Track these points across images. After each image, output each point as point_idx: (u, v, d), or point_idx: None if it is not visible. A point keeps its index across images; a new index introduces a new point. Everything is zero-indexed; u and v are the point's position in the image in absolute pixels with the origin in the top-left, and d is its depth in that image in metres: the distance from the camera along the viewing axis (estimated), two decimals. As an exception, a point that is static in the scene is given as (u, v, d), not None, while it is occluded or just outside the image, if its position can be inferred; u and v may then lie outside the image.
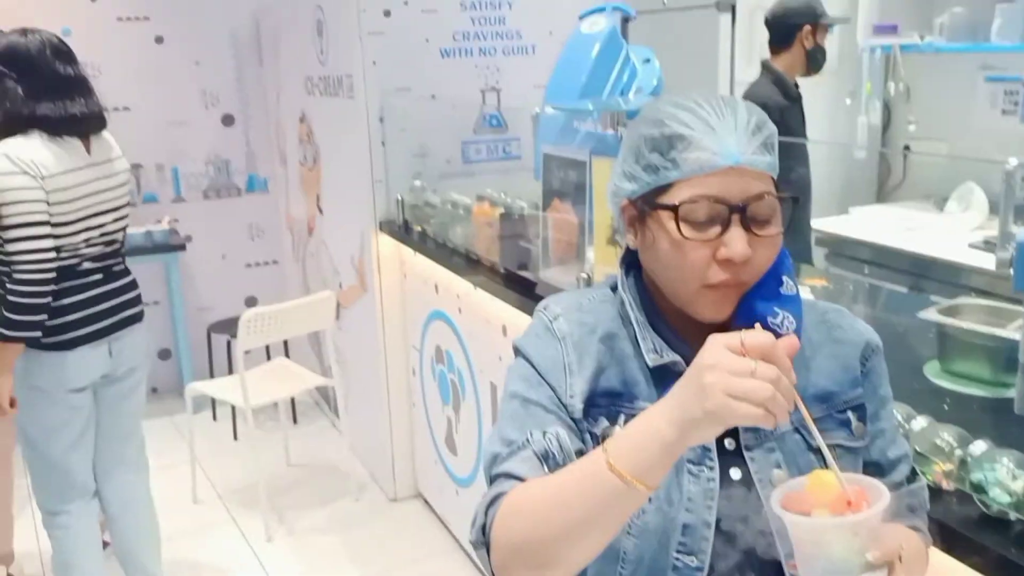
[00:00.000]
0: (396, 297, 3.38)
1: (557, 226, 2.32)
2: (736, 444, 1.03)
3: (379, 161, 3.31)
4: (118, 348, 2.50)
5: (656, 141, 0.98)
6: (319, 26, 3.61)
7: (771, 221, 0.97)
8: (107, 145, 2.48)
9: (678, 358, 1.02)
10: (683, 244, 0.96)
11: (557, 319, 1.08)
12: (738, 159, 0.95)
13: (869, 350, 1.09)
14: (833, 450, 1.02)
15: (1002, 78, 3.57)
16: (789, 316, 0.99)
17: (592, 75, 2.65)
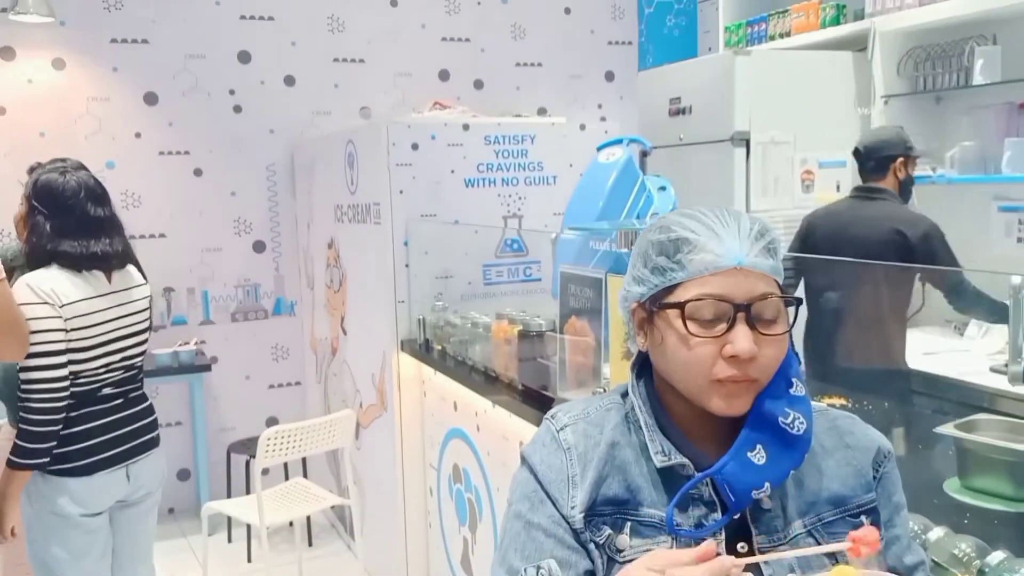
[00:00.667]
0: (415, 416, 3.40)
1: (574, 343, 2.36)
2: (749, 548, 1.02)
3: (403, 282, 3.40)
4: (135, 472, 2.51)
5: (663, 245, 1.04)
6: (350, 159, 3.79)
7: (776, 321, 1.01)
8: (129, 275, 2.54)
9: (686, 460, 1.03)
10: (690, 341, 1.00)
11: (564, 429, 1.10)
12: (741, 260, 1.00)
13: (881, 456, 1.10)
14: (846, 554, 1.02)
15: (1016, 208, 3.64)
16: (800, 416, 1.02)
17: (609, 201, 2.76)
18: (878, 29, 3.82)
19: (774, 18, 4.43)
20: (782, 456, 1.01)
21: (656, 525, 1.03)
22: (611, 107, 5.41)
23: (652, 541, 1.02)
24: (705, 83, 4.04)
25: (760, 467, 1.00)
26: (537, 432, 1.14)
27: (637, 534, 1.02)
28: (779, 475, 1.01)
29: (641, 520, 1.02)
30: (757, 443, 1.01)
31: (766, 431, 1.01)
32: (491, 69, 5.17)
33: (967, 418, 1.77)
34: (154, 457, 2.59)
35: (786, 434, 1.01)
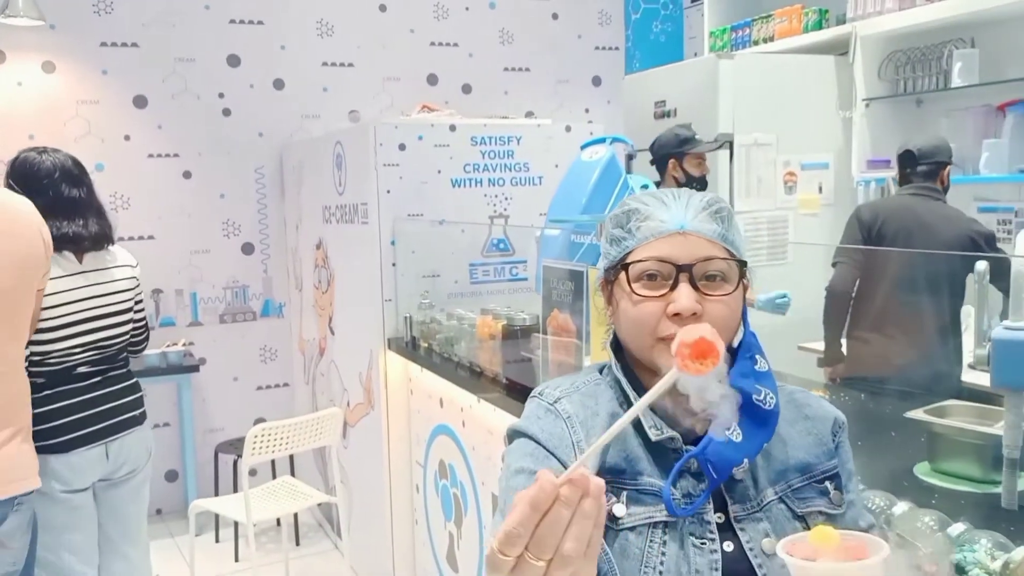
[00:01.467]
0: (402, 413, 3.42)
1: (556, 335, 2.39)
2: (725, 517, 1.06)
3: (389, 281, 3.43)
4: (116, 450, 2.53)
5: (618, 217, 1.11)
6: (338, 160, 3.82)
7: (722, 281, 1.05)
8: (106, 256, 2.55)
9: (676, 434, 1.07)
10: (635, 300, 1.05)
11: (559, 401, 1.12)
12: (684, 224, 1.06)
13: (837, 426, 1.16)
14: (815, 516, 1.06)
15: (995, 208, 3.70)
16: (769, 392, 1.07)
17: (591, 198, 2.80)
18: (859, 33, 3.88)
19: (758, 23, 4.50)
20: (756, 431, 1.05)
21: (655, 493, 1.05)
22: (598, 111, 5.46)
23: (654, 508, 1.04)
24: (690, 87, 4.09)
25: (738, 444, 1.04)
26: (526, 410, 1.16)
27: (637, 502, 1.05)
28: (754, 449, 1.06)
29: (641, 489, 1.05)
30: None
31: (741, 409, 1.04)
32: (479, 74, 5.22)
33: (937, 404, 1.81)
34: (136, 435, 2.59)
35: (760, 410, 1.05)
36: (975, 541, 1.22)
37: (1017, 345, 1.43)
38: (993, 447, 1.58)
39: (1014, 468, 1.50)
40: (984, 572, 1.19)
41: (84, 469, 2.45)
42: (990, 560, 1.19)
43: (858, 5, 3.91)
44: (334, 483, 3.57)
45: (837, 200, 4.08)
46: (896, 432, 1.87)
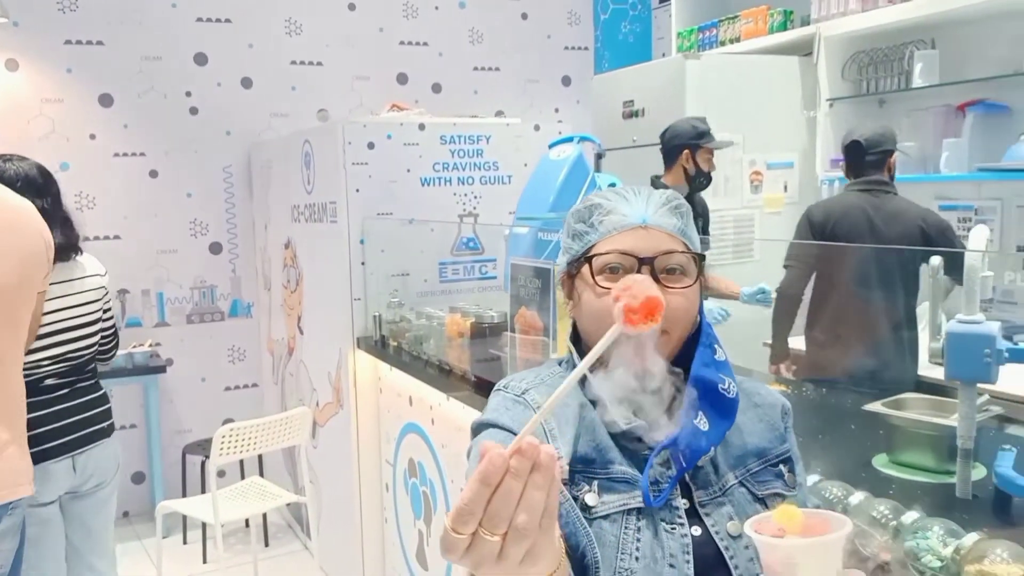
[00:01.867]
0: (371, 412, 3.42)
1: (524, 332, 2.41)
2: (691, 503, 1.09)
3: (359, 280, 3.43)
4: (83, 463, 2.49)
5: (581, 213, 1.14)
6: (307, 158, 3.81)
7: (682, 275, 1.08)
8: (73, 267, 2.50)
9: (642, 423, 1.09)
10: (599, 291, 1.07)
11: (527, 392, 1.14)
12: (646, 219, 1.09)
13: (784, 412, 1.20)
14: (774, 499, 1.10)
15: (955, 206, 3.77)
16: (731, 380, 1.11)
17: (559, 196, 2.82)
18: (823, 34, 3.94)
19: (724, 24, 4.55)
20: (720, 419, 1.09)
21: (628, 480, 1.07)
22: (567, 111, 5.49)
23: (627, 495, 1.07)
24: (657, 87, 4.13)
25: (705, 432, 1.07)
26: (490, 403, 1.16)
27: (609, 491, 1.07)
28: (719, 436, 1.09)
29: (613, 477, 1.07)
30: (699, 410, 1.08)
31: (705, 398, 1.08)
32: (449, 73, 5.23)
33: (894, 397, 1.85)
34: (103, 448, 2.56)
35: (724, 399, 1.09)
36: (928, 528, 1.25)
37: (969, 338, 1.47)
38: (948, 438, 1.62)
39: (968, 458, 1.54)
40: (936, 558, 1.22)
41: (51, 482, 2.42)
42: (942, 546, 1.22)
43: (822, 6, 3.97)
44: (303, 483, 3.56)
45: (802, 199, 4.14)
46: (856, 425, 1.90)
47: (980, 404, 1.56)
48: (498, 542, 0.70)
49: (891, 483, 1.65)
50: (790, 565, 0.89)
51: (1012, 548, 1.15)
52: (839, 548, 0.89)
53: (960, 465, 1.54)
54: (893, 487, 1.63)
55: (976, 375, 1.50)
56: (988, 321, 1.49)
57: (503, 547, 0.71)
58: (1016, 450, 1.56)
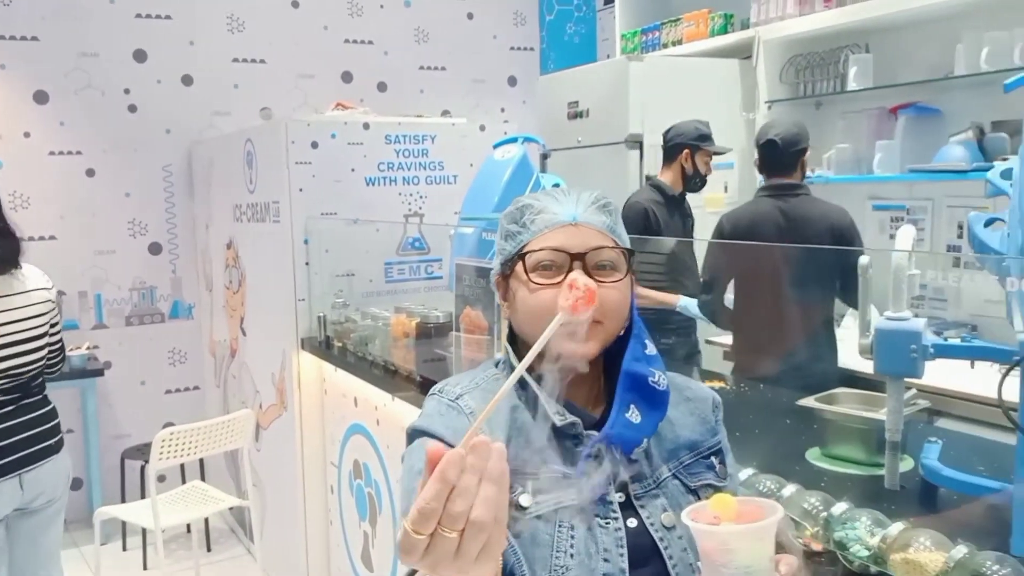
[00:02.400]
0: (315, 414, 3.40)
1: (469, 332, 2.42)
2: (626, 496, 1.11)
3: (302, 281, 3.40)
4: (31, 480, 2.44)
5: (513, 214, 1.16)
6: (249, 157, 3.77)
7: (613, 270, 1.11)
8: (13, 281, 2.44)
9: (578, 420, 1.10)
10: (533, 288, 1.09)
11: (461, 397, 1.14)
12: (576, 216, 1.11)
13: (715, 405, 1.23)
14: (706, 489, 1.12)
15: (888, 206, 3.88)
16: (661, 373, 1.13)
17: (504, 196, 2.83)
18: (762, 38, 4.02)
19: (667, 26, 4.61)
20: (652, 411, 1.11)
21: (560, 479, 1.08)
22: (514, 111, 5.51)
23: (561, 494, 1.08)
24: (601, 88, 4.17)
25: (638, 425, 1.09)
26: (425, 408, 1.17)
27: (543, 490, 1.08)
28: (652, 428, 1.12)
29: (547, 476, 1.08)
30: (631, 403, 1.10)
31: (636, 391, 1.10)
32: (395, 72, 5.21)
33: (827, 392, 1.90)
34: (54, 464, 2.51)
35: (655, 391, 1.11)
36: (856, 519, 1.29)
37: (897, 334, 1.52)
38: (877, 431, 1.66)
39: (896, 451, 1.58)
40: (864, 547, 1.26)
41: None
42: (869, 536, 1.26)
43: (761, 11, 4.05)
44: (246, 487, 3.52)
45: (742, 199, 4.20)
46: (790, 420, 1.95)
47: (908, 398, 1.61)
48: (456, 539, 0.73)
49: (823, 476, 1.70)
50: (726, 551, 0.92)
51: (935, 536, 1.19)
52: (772, 533, 0.93)
53: (888, 457, 1.59)
54: (825, 479, 1.67)
55: (903, 370, 1.55)
56: (915, 318, 1.54)
57: (461, 543, 0.73)
58: (942, 442, 1.62)
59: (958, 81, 3.36)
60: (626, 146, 4.00)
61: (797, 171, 3.13)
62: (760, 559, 0.92)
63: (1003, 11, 3.23)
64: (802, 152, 3.12)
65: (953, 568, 1.13)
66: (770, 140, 3.10)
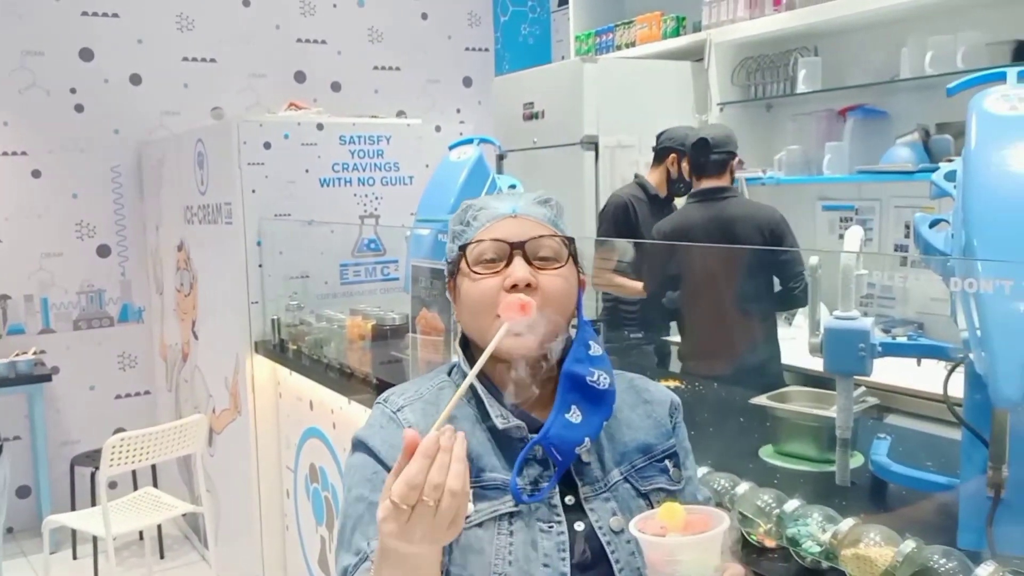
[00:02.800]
0: (270, 418, 3.36)
1: (425, 334, 2.41)
2: (575, 499, 1.11)
3: (256, 283, 3.36)
4: None
5: (459, 216, 1.19)
6: (200, 158, 3.71)
7: (554, 260, 1.13)
8: None
9: (521, 423, 1.11)
10: (474, 278, 1.11)
11: (402, 410, 1.15)
12: (515, 208, 1.15)
13: (673, 408, 1.24)
14: (657, 493, 1.13)
15: (836, 206, 3.96)
16: (603, 372, 1.13)
17: (460, 198, 2.82)
18: (713, 41, 4.07)
19: (620, 28, 4.64)
20: (594, 411, 1.11)
21: (499, 487, 1.09)
22: (469, 111, 5.51)
23: (498, 502, 1.08)
24: (556, 89, 4.18)
25: (578, 425, 1.10)
26: (370, 417, 1.18)
27: (482, 498, 1.08)
28: (595, 429, 1.12)
29: (484, 485, 1.09)
30: (571, 404, 1.10)
31: (577, 391, 1.11)
32: (348, 72, 5.17)
33: (779, 390, 1.93)
34: None
35: (594, 390, 1.12)
36: (808, 516, 1.32)
37: (845, 333, 1.55)
38: (828, 429, 1.70)
39: (846, 447, 1.62)
40: (815, 543, 1.28)
41: None
42: (821, 532, 1.28)
43: (712, 13, 4.10)
44: (200, 492, 3.47)
45: (696, 200, 4.26)
46: (744, 418, 1.98)
47: (857, 395, 1.64)
48: (434, 507, 0.86)
49: (776, 473, 1.73)
50: (672, 562, 0.93)
51: (884, 531, 1.22)
52: (718, 543, 0.94)
53: (839, 454, 1.62)
54: (778, 477, 1.70)
55: (852, 368, 1.58)
56: (863, 317, 1.57)
57: (438, 510, 0.86)
58: (891, 438, 1.66)
59: (904, 84, 3.44)
60: (581, 147, 4.02)
61: (726, 175, 3.19)
62: (705, 569, 0.93)
63: (946, 16, 3.32)
64: (730, 156, 3.18)
65: (902, 563, 1.15)
66: (702, 139, 3.17)
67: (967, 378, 1.30)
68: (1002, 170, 1.22)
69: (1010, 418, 1.20)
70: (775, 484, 1.63)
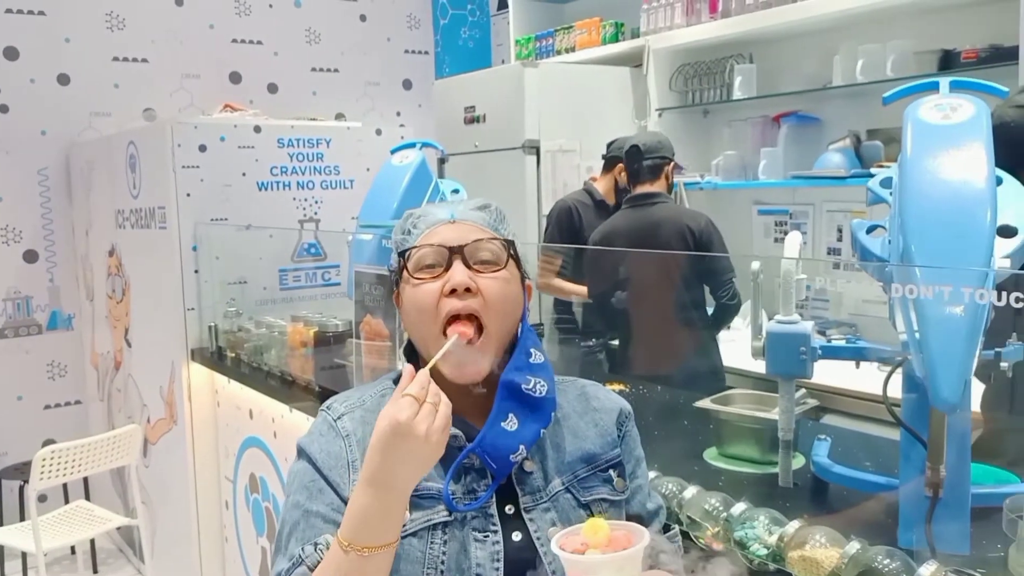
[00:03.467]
0: (208, 427, 3.28)
1: (369, 340, 2.38)
2: (515, 508, 1.11)
3: (192, 289, 3.29)
4: None
5: (400, 226, 1.19)
6: (132, 161, 3.61)
7: (495, 264, 1.13)
8: None
9: (459, 432, 1.10)
10: (415, 283, 1.11)
11: (341, 418, 1.14)
12: (454, 214, 1.15)
13: (623, 416, 1.24)
14: (599, 504, 1.13)
15: (771, 211, 4.04)
16: (540, 380, 1.13)
17: (402, 202, 2.80)
18: (652, 47, 4.12)
19: (560, 33, 4.67)
20: (531, 419, 1.11)
21: (434, 496, 1.09)
22: (409, 115, 5.47)
23: (432, 511, 1.08)
24: (497, 93, 4.19)
25: (513, 433, 1.10)
26: (313, 423, 1.18)
27: (416, 507, 1.08)
28: (531, 436, 1.11)
29: (419, 494, 1.08)
30: (508, 412, 1.11)
31: (513, 399, 1.11)
32: (286, 73, 5.09)
33: (722, 393, 1.96)
34: None
35: (530, 398, 1.12)
36: (755, 519, 1.34)
37: (787, 337, 1.58)
38: (770, 430, 1.73)
39: (788, 449, 1.65)
40: (762, 546, 1.30)
41: None
42: (767, 535, 1.30)
43: (650, 20, 4.15)
44: (135, 504, 3.38)
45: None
46: (688, 421, 2.01)
47: (798, 398, 1.68)
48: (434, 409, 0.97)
49: (721, 475, 1.75)
50: None
51: (829, 533, 1.24)
52: (637, 561, 0.96)
53: (782, 456, 1.65)
54: (723, 479, 1.73)
55: (793, 371, 1.61)
56: (803, 321, 1.60)
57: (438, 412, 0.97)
58: (831, 439, 1.70)
59: (836, 91, 3.54)
60: (523, 151, 4.04)
61: (660, 180, 3.23)
62: None
63: (876, 25, 3.42)
64: (664, 161, 3.21)
65: (847, 564, 1.18)
66: (633, 146, 3.22)
67: (905, 379, 1.34)
68: (936, 177, 1.26)
69: (947, 419, 1.24)
70: (720, 486, 1.66)
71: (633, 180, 3.26)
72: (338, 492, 1.09)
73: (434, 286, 1.09)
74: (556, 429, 1.17)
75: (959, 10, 3.20)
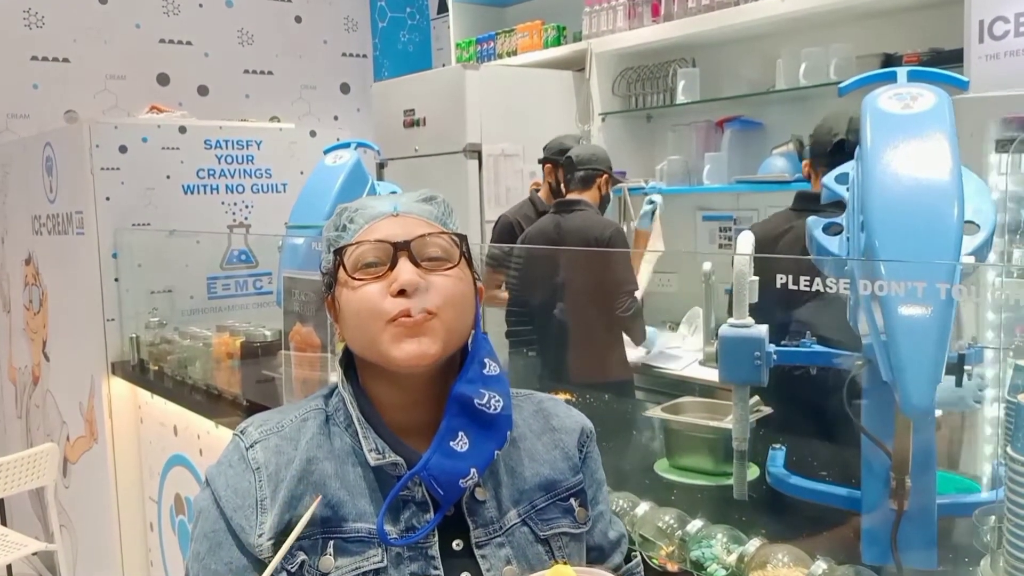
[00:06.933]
0: (131, 445, 3.10)
1: (300, 350, 2.25)
2: (464, 544, 0.98)
3: (112, 299, 3.10)
4: None
5: (333, 221, 1.04)
6: (48, 164, 3.41)
7: (443, 260, 0.99)
8: None
9: (399, 459, 0.97)
10: (355, 285, 0.97)
11: (253, 447, 0.99)
12: (396, 207, 1.01)
13: (585, 436, 1.11)
14: (559, 539, 1.01)
15: (716, 216, 4.00)
16: (495, 395, 0.99)
17: (335, 203, 2.66)
18: (594, 51, 4.06)
19: (502, 37, 4.59)
20: (484, 438, 0.98)
21: (364, 539, 0.95)
22: (347, 118, 5.33)
23: (362, 557, 0.94)
24: (438, 96, 4.08)
25: (463, 454, 0.96)
26: (225, 449, 1.03)
27: (344, 552, 0.94)
28: (484, 458, 0.98)
29: (346, 537, 0.95)
30: (458, 430, 0.97)
31: (464, 416, 0.97)
32: (217, 75, 4.91)
33: (672, 401, 1.88)
34: None
35: (484, 415, 0.98)
36: (712, 537, 1.25)
37: (740, 342, 1.50)
38: (724, 440, 1.65)
39: (743, 459, 1.56)
40: (721, 567, 1.21)
41: None
42: (726, 554, 1.22)
43: (592, 23, 4.09)
44: (54, 528, 3.17)
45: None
46: (637, 431, 1.92)
47: (752, 405, 1.60)
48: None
49: (673, 488, 1.67)
50: None
51: (792, 552, 1.16)
52: None
53: (736, 466, 1.57)
54: (675, 492, 1.64)
55: (747, 377, 1.53)
56: (757, 325, 1.52)
57: None
58: (785, 448, 1.62)
59: (778, 95, 3.51)
60: (464, 155, 3.93)
61: (591, 190, 3.24)
62: None
63: (819, 29, 3.40)
64: (596, 172, 3.23)
65: (812, 584, 1.10)
66: (568, 157, 3.26)
67: (866, 384, 1.27)
68: (898, 170, 1.19)
69: (913, 426, 1.16)
70: (673, 501, 1.57)
71: (566, 187, 3.28)
72: (241, 540, 0.95)
73: (377, 287, 0.95)
74: (511, 451, 1.03)
75: (900, 14, 3.20)
